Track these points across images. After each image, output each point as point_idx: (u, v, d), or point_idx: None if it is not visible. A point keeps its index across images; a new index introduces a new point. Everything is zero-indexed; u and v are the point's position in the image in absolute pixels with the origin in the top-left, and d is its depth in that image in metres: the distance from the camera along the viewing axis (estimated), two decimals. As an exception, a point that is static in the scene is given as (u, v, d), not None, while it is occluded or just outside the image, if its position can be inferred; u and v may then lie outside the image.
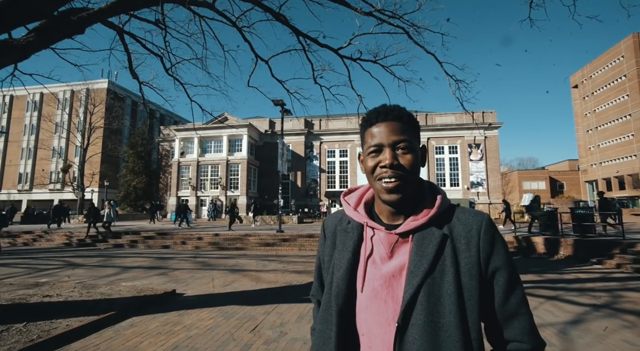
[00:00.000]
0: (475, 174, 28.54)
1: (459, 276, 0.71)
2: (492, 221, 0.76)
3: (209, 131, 29.09)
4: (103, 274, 7.38)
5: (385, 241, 0.77)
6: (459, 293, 0.69)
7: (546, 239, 10.34)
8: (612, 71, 44.89)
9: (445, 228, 0.75)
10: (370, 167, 0.78)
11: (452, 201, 3.58)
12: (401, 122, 0.78)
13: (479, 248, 0.73)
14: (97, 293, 5.29)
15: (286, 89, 8.34)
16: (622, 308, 4.75)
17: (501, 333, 0.73)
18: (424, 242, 0.74)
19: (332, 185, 31.28)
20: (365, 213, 0.82)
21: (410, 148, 0.76)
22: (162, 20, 7.42)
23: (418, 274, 0.70)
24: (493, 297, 0.73)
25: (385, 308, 0.72)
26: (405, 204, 0.77)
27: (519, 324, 0.72)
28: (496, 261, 0.73)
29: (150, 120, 12.70)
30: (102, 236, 14.00)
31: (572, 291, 5.68)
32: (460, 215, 0.78)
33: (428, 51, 7.25)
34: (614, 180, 44.79)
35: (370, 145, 0.78)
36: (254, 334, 3.75)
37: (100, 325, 3.98)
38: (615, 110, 44.53)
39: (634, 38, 41.48)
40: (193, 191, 29.33)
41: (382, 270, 0.75)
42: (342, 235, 0.84)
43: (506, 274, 0.73)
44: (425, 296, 0.69)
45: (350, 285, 0.76)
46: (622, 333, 3.79)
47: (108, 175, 35.11)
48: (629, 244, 8.85)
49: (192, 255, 10.47)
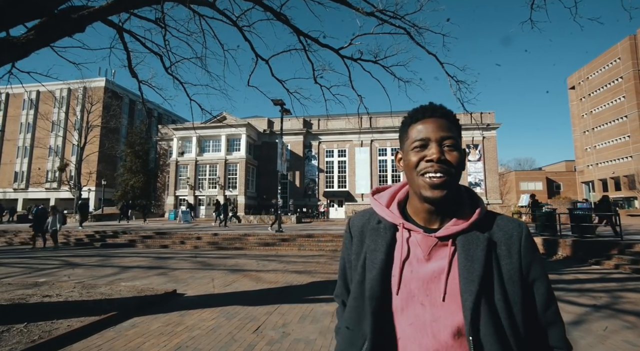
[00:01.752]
0: (474, 175, 28.66)
1: (503, 283, 0.70)
2: (529, 230, 0.77)
3: (207, 130, 29.01)
4: (102, 274, 7.34)
5: (423, 243, 0.75)
6: (506, 300, 0.69)
7: (545, 240, 10.39)
8: (608, 73, 45.21)
9: (487, 234, 0.75)
10: (414, 161, 0.75)
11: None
12: (448, 121, 0.78)
13: (521, 255, 0.73)
14: (97, 293, 5.26)
15: (286, 89, 8.33)
16: (622, 308, 4.78)
17: (540, 339, 0.74)
18: (471, 247, 0.72)
19: (331, 185, 31.28)
20: (399, 214, 0.80)
21: (457, 146, 0.75)
22: (162, 19, 7.39)
23: (474, 280, 0.68)
24: (534, 304, 0.74)
25: (423, 311, 0.71)
26: (446, 204, 0.75)
27: (557, 331, 0.74)
28: (537, 269, 0.74)
29: (149, 119, 12.71)
30: (48, 247, 12.34)
31: (572, 292, 5.71)
32: (499, 221, 0.77)
33: (429, 52, 7.26)
34: (610, 181, 45.11)
35: (416, 140, 0.76)
36: (256, 335, 3.73)
37: (101, 325, 3.95)
38: (611, 111, 44.85)
39: (630, 40, 41.80)
40: (191, 190, 29.24)
41: (419, 273, 0.73)
42: (373, 234, 0.81)
43: (546, 283, 0.75)
44: (485, 304, 0.67)
45: (384, 286, 0.74)
46: (623, 333, 3.82)
47: (105, 174, 34.90)
48: (626, 245, 8.91)
49: (191, 255, 10.44)
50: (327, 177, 31.33)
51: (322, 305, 4.91)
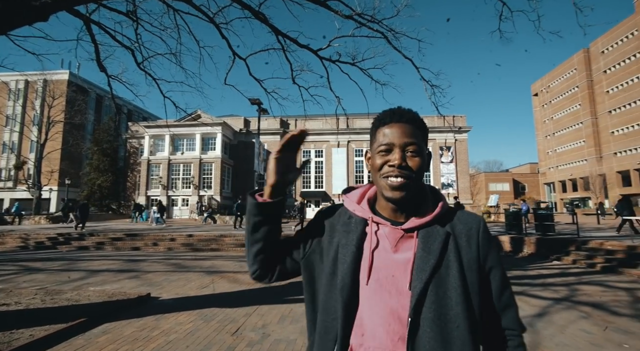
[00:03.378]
0: (446, 175, 29.75)
1: (462, 271, 0.76)
2: (486, 223, 0.84)
3: (181, 129, 28.10)
4: (67, 279, 6.93)
5: (390, 235, 0.80)
6: (464, 286, 0.74)
7: (512, 238, 10.99)
8: (567, 82, 48.51)
9: (448, 227, 0.81)
10: (378, 164, 0.80)
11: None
12: (413, 126, 0.81)
13: (479, 246, 0.80)
14: (62, 300, 4.96)
15: (264, 88, 8.25)
16: (579, 300, 5.17)
17: (495, 321, 0.81)
18: (430, 239, 0.78)
19: (308, 185, 31.31)
20: (369, 209, 0.85)
21: (419, 152, 0.80)
22: (134, 12, 7.10)
23: (426, 269, 0.74)
24: (490, 290, 0.80)
25: (389, 299, 0.75)
26: (407, 203, 0.81)
27: (511, 314, 0.81)
28: (492, 259, 0.81)
29: (118, 115, 12.02)
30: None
31: (536, 287, 6.09)
32: (460, 215, 0.84)
33: (406, 56, 7.46)
34: (568, 182, 48.39)
35: (381, 144, 0.80)
36: (236, 337, 3.69)
37: (69, 333, 3.74)
38: (569, 117, 48.15)
39: (584, 53, 45.09)
40: (164, 190, 28.21)
41: (387, 264, 0.78)
42: (345, 229, 0.84)
43: (501, 270, 0.82)
44: (433, 290, 0.73)
45: (355, 277, 0.78)
46: (579, 323, 4.13)
47: (69, 173, 32.81)
48: (582, 242, 9.63)
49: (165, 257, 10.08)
50: (304, 177, 31.33)
51: (302, 305, 4.91)
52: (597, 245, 9.16)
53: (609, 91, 41.10)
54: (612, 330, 3.88)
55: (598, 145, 43.14)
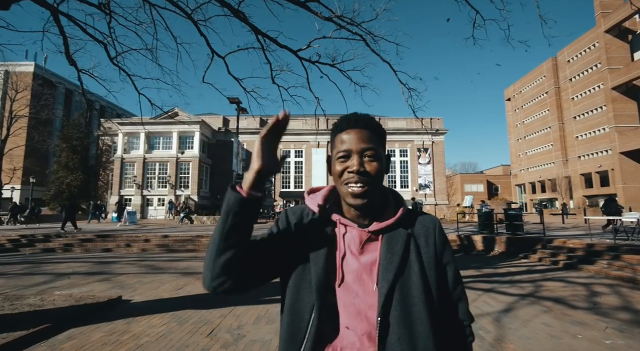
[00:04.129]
0: (423, 177, 30.50)
1: (423, 269, 0.81)
2: (441, 223, 0.91)
3: (157, 126, 27.22)
4: (30, 283, 6.56)
5: (357, 238, 0.82)
6: (425, 284, 0.79)
7: (484, 237, 11.44)
8: (537, 88, 51.01)
9: (408, 228, 0.85)
10: (338, 171, 0.82)
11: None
12: (370, 131, 0.83)
13: (436, 244, 0.86)
14: (24, 305, 4.70)
15: (243, 87, 8.16)
16: (542, 295, 5.48)
17: (450, 314, 0.87)
18: (393, 241, 0.82)
19: (287, 185, 31.20)
20: (335, 211, 0.86)
21: (377, 156, 0.82)
22: (107, 4, 6.84)
23: (391, 269, 0.78)
24: (447, 285, 0.86)
25: (357, 300, 0.77)
26: (369, 208, 0.83)
27: (463, 307, 0.88)
28: (447, 255, 0.88)
29: (89, 111, 11.46)
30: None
31: (504, 284, 6.39)
32: (419, 218, 0.89)
33: (384, 59, 7.60)
34: (538, 184, 50.89)
35: (340, 150, 0.82)
36: (210, 338, 3.64)
37: (30, 340, 3.55)
38: (539, 122, 50.65)
39: (552, 61, 47.61)
40: (138, 190, 27.24)
41: (354, 265, 0.80)
42: (313, 230, 0.85)
43: (454, 266, 0.89)
44: (399, 289, 0.77)
45: (327, 278, 0.79)
46: (541, 317, 4.39)
47: (34, 171, 31.04)
48: (548, 240, 10.18)
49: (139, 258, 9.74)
50: (284, 178, 31.21)
51: (278, 305, 4.87)
52: (561, 243, 9.72)
53: (574, 98, 43.61)
54: (568, 322, 4.15)
55: (564, 149, 45.65)
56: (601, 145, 38.24)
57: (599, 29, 28.78)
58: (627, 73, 26.02)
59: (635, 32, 28.37)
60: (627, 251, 7.95)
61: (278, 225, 0.89)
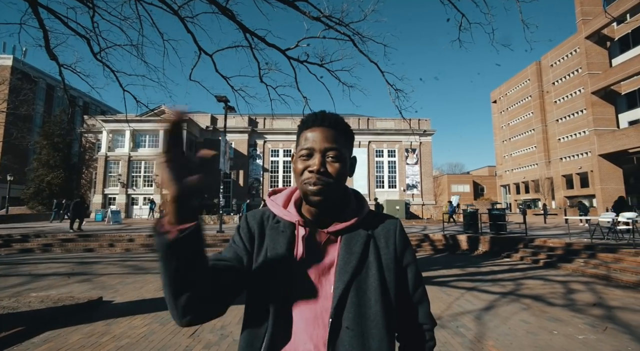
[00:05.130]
0: (411, 177, 30.85)
1: (382, 271, 0.79)
2: (402, 225, 0.89)
3: (143, 124, 26.68)
4: (5, 285, 6.33)
5: (317, 239, 0.81)
6: (383, 285, 0.78)
7: (469, 237, 11.66)
8: (521, 91, 52.30)
9: (369, 230, 0.84)
10: (299, 169, 0.79)
11: (390, 202, 4.00)
12: (335, 130, 0.81)
13: (396, 246, 0.84)
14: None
15: (230, 86, 8.08)
16: (522, 293, 5.63)
17: (411, 317, 0.85)
18: (352, 242, 0.80)
19: (275, 184, 31.04)
20: (296, 213, 0.84)
21: (340, 157, 0.79)
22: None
23: (348, 270, 0.76)
24: (406, 287, 0.85)
25: (315, 304, 0.75)
26: (329, 208, 0.80)
27: (423, 310, 0.86)
28: (408, 257, 0.86)
29: (72, 108, 11.07)
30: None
31: (487, 282, 6.53)
32: (381, 219, 0.88)
33: (371, 60, 7.66)
34: (522, 184, 52.19)
35: (303, 148, 0.80)
36: (193, 339, 3.60)
37: (2, 344, 3.44)
38: (523, 124, 51.94)
39: (536, 65, 48.92)
40: (123, 188, 26.64)
41: (312, 268, 0.78)
42: (273, 233, 0.83)
43: (414, 268, 0.87)
44: (354, 291, 0.75)
45: (285, 282, 0.77)
46: (520, 314, 4.51)
47: (13, 168, 29.93)
48: (529, 240, 10.47)
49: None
50: (272, 177, 31.05)
51: (264, 305, 4.89)
52: (541, 242, 10.01)
53: (556, 101, 44.90)
54: (546, 319, 4.28)
55: (547, 151, 46.96)
56: (582, 147, 39.50)
57: (580, 35, 29.70)
58: (605, 78, 26.95)
59: (614, 39, 29.42)
60: (602, 250, 8.25)
61: (239, 233, 0.85)
